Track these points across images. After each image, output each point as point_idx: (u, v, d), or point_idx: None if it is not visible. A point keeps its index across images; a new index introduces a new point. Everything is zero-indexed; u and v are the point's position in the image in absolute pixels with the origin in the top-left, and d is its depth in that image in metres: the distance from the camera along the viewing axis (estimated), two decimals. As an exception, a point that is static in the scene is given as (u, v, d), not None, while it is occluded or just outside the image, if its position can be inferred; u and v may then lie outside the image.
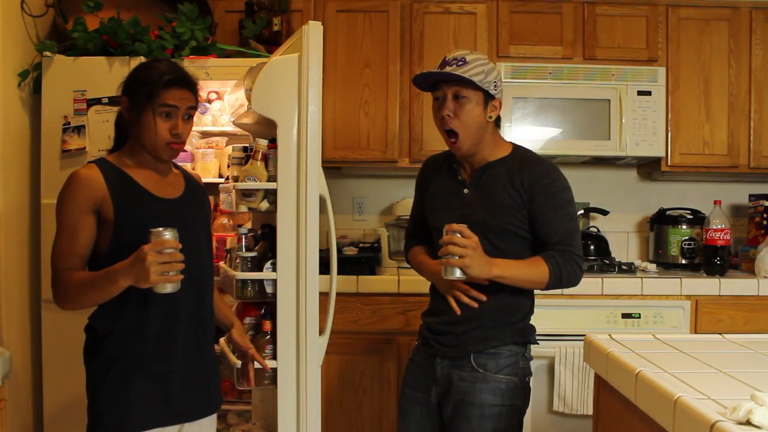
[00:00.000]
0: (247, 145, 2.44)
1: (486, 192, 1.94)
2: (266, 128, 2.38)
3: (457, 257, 1.76)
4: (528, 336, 1.99)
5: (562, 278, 1.87)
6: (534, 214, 1.90)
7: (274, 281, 2.26)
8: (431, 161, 2.17)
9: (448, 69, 1.87)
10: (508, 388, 1.91)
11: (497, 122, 2.00)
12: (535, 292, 2.02)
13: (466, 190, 1.98)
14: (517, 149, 2.00)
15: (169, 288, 1.62)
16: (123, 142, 1.88)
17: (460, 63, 1.87)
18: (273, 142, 2.27)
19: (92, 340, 1.82)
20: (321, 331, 2.29)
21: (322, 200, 2.27)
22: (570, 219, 1.93)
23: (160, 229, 1.60)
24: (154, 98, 1.75)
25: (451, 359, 1.95)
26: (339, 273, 2.88)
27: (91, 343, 1.82)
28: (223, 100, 3.03)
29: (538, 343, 2.04)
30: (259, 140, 2.27)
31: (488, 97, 1.90)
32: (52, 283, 1.74)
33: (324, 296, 2.25)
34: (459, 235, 1.77)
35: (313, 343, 2.24)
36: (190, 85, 1.84)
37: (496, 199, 1.92)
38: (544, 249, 1.91)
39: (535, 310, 2.02)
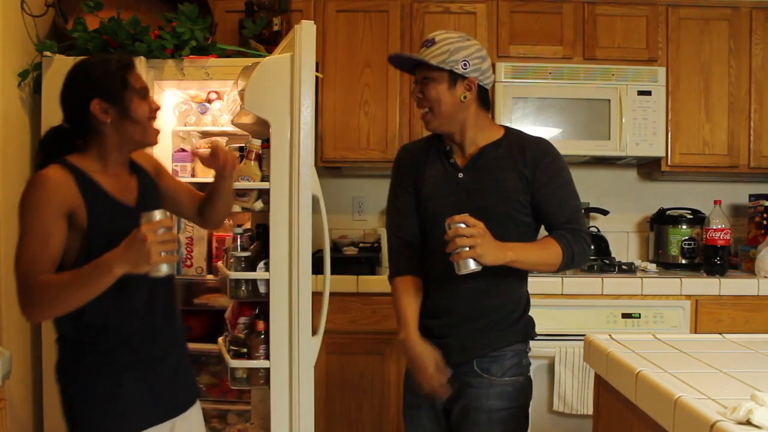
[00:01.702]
0: (243, 144, 2.45)
1: (486, 176, 1.88)
2: (265, 128, 2.38)
3: (467, 248, 1.66)
4: (530, 331, 1.96)
5: (575, 257, 1.84)
6: (539, 194, 1.86)
7: (267, 281, 2.26)
8: (411, 147, 2.06)
9: (419, 51, 1.88)
10: (514, 389, 1.88)
11: (485, 105, 1.94)
12: (531, 292, 2.01)
13: (461, 175, 1.91)
14: (509, 131, 1.96)
15: (164, 269, 1.58)
16: (69, 149, 1.77)
17: (429, 44, 1.86)
18: (266, 142, 2.27)
19: (71, 350, 1.74)
20: (315, 331, 2.28)
21: (315, 200, 2.27)
22: (575, 197, 1.90)
23: (152, 211, 1.57)
24: (131, 83, 1.74)
25: (454, 366, 1.89)
26: (339, 273, 2.89)
27: (69, 354, 1.74)
28: (223, 100, 3.03)
29: (537, 336, 2.01)
30: (253, 140, 2.28)
31: (455, 77, 1.84)
32: (20, 291, 1.60)
33: (314, 295, 2.21)
34: (463, 226, 1.67)
35: (306, 343, 2.24)
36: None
37: (499, 183, 1.86)
38: (551, 229, 1.88)
39: (535, 310, 2.01)
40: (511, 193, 1.86)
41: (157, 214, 1.56)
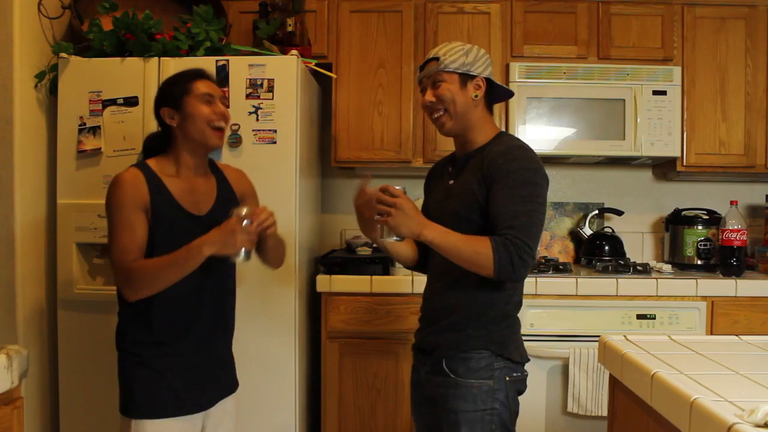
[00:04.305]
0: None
1: (461, 181, 1.91)
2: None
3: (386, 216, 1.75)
4: (504, 349, 1.88)
5: (501, 265, 1.73)
6: (489, 197, 1.82)
7: None
8: (436, 163, 2.18)
9: (428, 67, 1.93)
10: (481, 392, 1.84)
11: (489, 107, 1.98)
12: (545, 293, 2.00)
13: (451, 181, 1.97)
14: (499, 136, 1.94)
15: (242, 255, 1.81)
16: (158, 151, 2.00)
17: (435, 61, 1.92)
18: None
19: (118, 330, 1.97)
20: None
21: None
22: (519, 201, 1.77)
23: (241, 207, 1.82)
24: (192, 89, 1.92)
25: (430, 365, 1.95)
26: (353, 273, 2.88)
27: (117, 333, 1.97)
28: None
29: (522, 363, 1.92)
30: None
31: (465, 78, 1.90)
32: (120, 277, 1.85)
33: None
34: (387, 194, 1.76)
35: None
36: (215, 80, 2.02)
37: (466, 187, 1.88)
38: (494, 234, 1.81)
39: (549, 310, 2.00)
40: (472, 196, 1.85)
41: (244, 210, 1.81)
